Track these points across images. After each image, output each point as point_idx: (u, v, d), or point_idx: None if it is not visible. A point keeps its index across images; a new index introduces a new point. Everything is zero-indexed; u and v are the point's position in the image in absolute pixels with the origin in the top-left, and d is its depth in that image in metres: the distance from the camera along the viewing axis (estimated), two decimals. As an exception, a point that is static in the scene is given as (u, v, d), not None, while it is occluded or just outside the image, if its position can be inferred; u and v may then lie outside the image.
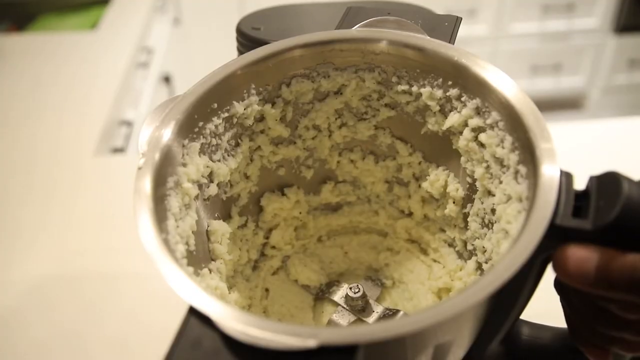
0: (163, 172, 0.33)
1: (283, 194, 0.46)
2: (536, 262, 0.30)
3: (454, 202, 0.42)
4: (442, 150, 0.42)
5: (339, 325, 0.41)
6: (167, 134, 0.34)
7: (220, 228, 0.39)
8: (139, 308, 0.56)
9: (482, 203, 0.39)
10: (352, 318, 0.42)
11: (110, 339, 0.54)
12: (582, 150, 0.66)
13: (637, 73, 1.98)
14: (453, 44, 0.41)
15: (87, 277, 0.60)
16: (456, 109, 0.38)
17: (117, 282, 0.59)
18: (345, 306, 0.42)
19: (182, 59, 1.62)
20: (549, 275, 0.32)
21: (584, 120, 1.85)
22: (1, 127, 0.87)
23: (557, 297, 0.32)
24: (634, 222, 0.28)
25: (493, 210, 0.37)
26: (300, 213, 0.47)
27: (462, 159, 0.40)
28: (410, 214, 0.47)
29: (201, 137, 0.37)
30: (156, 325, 0.46)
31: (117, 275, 0.60)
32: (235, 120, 0.39)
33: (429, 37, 0.38)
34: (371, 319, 0.41)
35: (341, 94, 0.42)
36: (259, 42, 0.45)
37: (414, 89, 0.40)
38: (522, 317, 0.35)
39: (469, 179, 0.40)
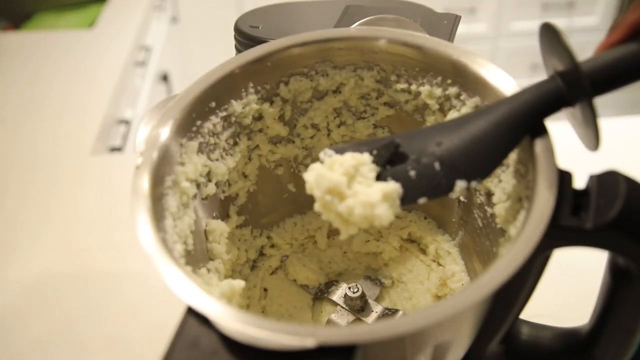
0: (161, 171, 0.33)
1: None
2: (536, 261, 0.30)
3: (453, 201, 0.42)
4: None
5: (337, 325, 0.41)
6: (165, 133, 0.34)
7: (219, 227, 0.39)
8: (139, 306, 0.56)
9: (482, 202, 0.39)
10: (351, 318, 0.41)
11: (110, 336, 0.54)
12: (582, 148, 0.66)
13: (636, 71, 1.99)
14: (452, 42, 0.41)
15: (87, 275, 0.60)
16: (455, 107, 0.38)
17: (116, 280, 0.59)
18: (344, 306, 0.42)
19: (180, 57, 1.62)
20: (549, 274, 0.32)
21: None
22: (-1, 125, 0.87)
23: (557, 297, 0.32)
24: (634, 221, 0.28)
25: (492, 209, 0.37)
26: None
27: (462, 157, 0.39)
28: (409, 213, 0.47)
29: (199, 136, 0.37)
30: (156, 323, 0.46)
31: (116, 273, 0.60)
32: (233, 119, 0.39)
33: (428, 36, 0.38)
34: (370, 318, 0.41)
35: (340, 92, 0.42)
36: (257, 41, 0.45)
37: (413, 87, 0.39)
38: (522, 316, 0.35)
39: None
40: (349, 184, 0.31)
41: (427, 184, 0.32)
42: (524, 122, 0.31)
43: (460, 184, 0.31)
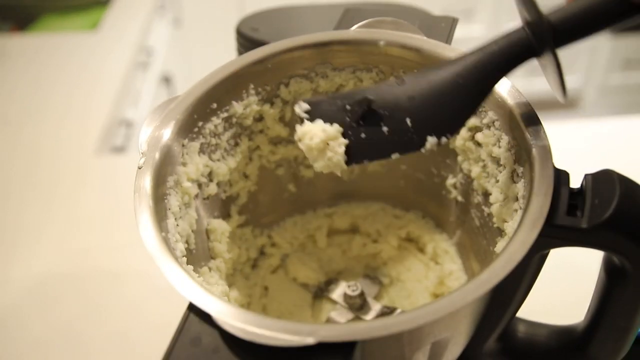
0: (163, 171, 0.34)
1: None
2: (532, 260, 0.31)
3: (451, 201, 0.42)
4: (439, 149, 0.42)
5: (337, 323, 0.41)
6: (167, 133, 0.35)
7: (220, 227, 0.40)
8: (139, 305, 0.57)
9: (479, 202, 0.39)
10: (351, 316, 0.42)
11: (110, 336, 0.54)
12: (578, 149, 0.66)
13: (633, 73, 1.98)
14: (450, 44, 0.41)
15: (89, 274, 0.61)
16: (453, 108, 0.38)
17: (117, 280, 0.59)
18: (343, 304, 0.42)
19: (182, 59, 1.62)
20: (545, 272, 0.32)
21: (580, 120, 1.85)
22: (3, 126, 0.87)
23: (553, 295, 0.33)
24: (629, 220, 0.29)
25: (489, 209, 0.37)
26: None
27: (459, 158, 0.40)
28: (408, 212, 0.47)
29: (201, 136, 0.37)
30: (156, 323, 0.46)
31: (117, 273, 0.60)
32: (234, 120, 0.40)
33: (426, 38, 0.38)
34: (369, 316, 0.41)
35: (339, 94, 0.42)
36: (258, 43, 0.45)
37: (412, 89, 0.40)
38: (518, 314, 0.35)
39: (465, 178, 0.41)
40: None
41: (399, 140, 0.32)
42: (491, 72, 0.31)
43: (431, 140, 0.31)
